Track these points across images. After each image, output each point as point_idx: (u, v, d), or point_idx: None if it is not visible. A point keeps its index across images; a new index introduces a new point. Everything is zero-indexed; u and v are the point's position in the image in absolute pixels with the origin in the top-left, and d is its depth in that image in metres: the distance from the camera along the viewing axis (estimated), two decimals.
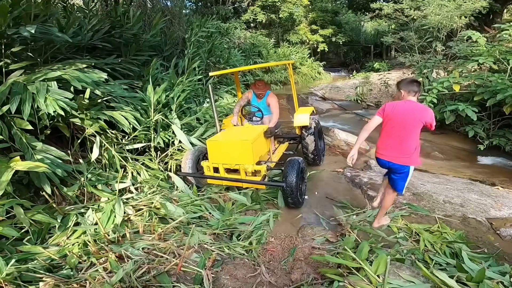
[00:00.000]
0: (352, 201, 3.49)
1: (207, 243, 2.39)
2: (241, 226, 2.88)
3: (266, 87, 4.11)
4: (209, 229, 2.62)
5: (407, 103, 2.46)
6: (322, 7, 15.76)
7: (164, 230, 2.43)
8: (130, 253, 2.05)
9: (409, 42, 9.43)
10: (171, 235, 2.40)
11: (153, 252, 2.12)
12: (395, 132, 2.48)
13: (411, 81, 2.53)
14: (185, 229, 2.52)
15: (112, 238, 2.25)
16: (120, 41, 4.81)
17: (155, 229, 2.43)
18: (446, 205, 3.35)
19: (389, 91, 10.15)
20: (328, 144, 5.77)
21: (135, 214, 2.65)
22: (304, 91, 11.13)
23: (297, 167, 3.08)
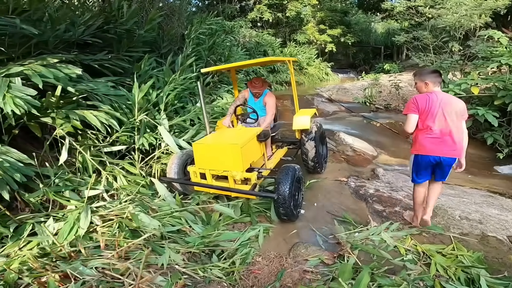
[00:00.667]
0: (355, 216, 3.10)
1: (178, 263, 2.04)
2: (225, 243, 2.53)
3: (263, 85, 3.74)
4: (185, 246, 2.27)
5: (439, 94, 2.39)
6: (331, 7, 15.29)
7: (130, 246, 2.10)
8: (79, 273, 1.72)
9: (423, 42, 8.92)
10: (136, 253, 2.06)
11: (109, 273, 1.79)
12: (441, 126, 2.39)
13: (434, 72, 2.43)
14: (155, 245, 2.18)
15: (63, 253, 1.93)
16: (112, 36, 4.55)
17: (120, 244, 2.10)
18: (463, 221, 2.95)
19: (400, 93, 9.65)
20: (332, 150, 5.36)
21: (101, 225, 2.33)
22: (310, 92, 10.73)
23: (292, 175, 2.71)
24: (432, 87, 2.42)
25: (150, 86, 4.38)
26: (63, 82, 2.66)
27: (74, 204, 2.47)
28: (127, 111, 3.49)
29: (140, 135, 3.22)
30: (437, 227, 2.81)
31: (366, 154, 5.54)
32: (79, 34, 4.24)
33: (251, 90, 3.72)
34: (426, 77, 2.41)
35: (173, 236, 2.44)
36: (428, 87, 2.42)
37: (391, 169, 4.79)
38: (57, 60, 2.73)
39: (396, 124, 7.55)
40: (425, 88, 2.43)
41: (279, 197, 2.60)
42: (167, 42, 5.92)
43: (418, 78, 2.48)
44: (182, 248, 2.21)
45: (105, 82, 3.64)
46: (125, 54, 4.63)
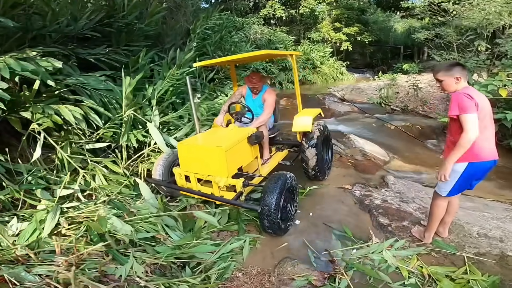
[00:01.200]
0: (355, 229, 2.75)
1: (138, 276, 1.80)
2: (204, 254, 2.28)
3: (262, 80, 3.42)
4: (153, 256, 2.03)
5: (475, 90, 2.11)
6: (347, 5, 14.67)
7: (90, 252, 1.88)
8: (20, 278, 1.52)
9: (447, 40, 8.30)
10: (95, 260, 1.85)
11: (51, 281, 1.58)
12: (490, 126, 2.12)
13: (459, 64, 2.11)
14: (117, 253, 1.96)
15: (12, 256, 1.74)
16: (111, 30, 4.42)
17: (78, 249, 1.90)
18: (481, 239, 2.58)
19: (419, 94, 9.06)
20: (340, 153, 4.97)
21: (67, 228, 2.14)
22: (323, 91, 10.28)
23: (282, 185, 2.41)
24: (464, 82, 2.08)
25: (147, 81, 4.24)
26: (43, 76, 2.50)
27: (44, 204, 2.29)
28: (117, 107, 3.32)
29: (124, 131, 3.02)
30: (449, 246, 2.44)
31: (377, 159, 5.13)
32: (79, 28, 4.15)
33: (248, 85, 3.43)
34: (455, 71, 2.05)
35: (147, 243, 2.22)
36: (459, 83, 2.06)
37: (403, 177, 4.37)
38: (35, 53, 2.57)
39: (413, 127, 7.05)
40: (456, 84, 2.07)
41: (263, 209, 2.31)
42: (172, 36, 5.76)
43: (445, 73, 2.09)
44: (149, 258, 1.98)
45: (96, 76, 3.49)
46: (124, 48, 4.49)
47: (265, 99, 3.47)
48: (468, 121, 1.90)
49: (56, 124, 2.69)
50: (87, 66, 4.09)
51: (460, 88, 2.08)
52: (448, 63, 2.13)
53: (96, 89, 3.30)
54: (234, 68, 4.08)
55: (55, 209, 2.21)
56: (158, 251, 2.10)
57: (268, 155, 3.57)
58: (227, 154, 2.47)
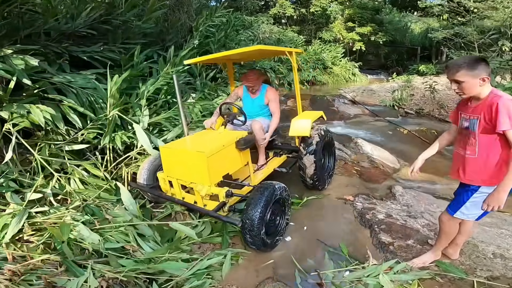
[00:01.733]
0: (352, 247, 2.46)
1: None
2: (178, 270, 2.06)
3: (259, 78, 3.17)
4: (114, 270, 1.82)
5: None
6: (361, 4, 14.14)
7: (44, 261, 1.71)
8: None
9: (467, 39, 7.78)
10: (46, 270, 1.67)
11: None
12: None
13: (484, 60, 1.66)
14: (73, 264, 1.78)
15: None
16: (107, 27, 4.31)
17: (33, 257, 1.73)
18: (496, 260, 2.26)
19: (435, 97, 8.54)
20: (345, 159, 4.64)
21: (30, 234, 1.99)
22: (333, 92, 9.91)
23: (268, 197, 2.16)
24: (488, 82, 1.66)
25: (140, 79, 4.09)
26: (19, 74, 2.37)
27: (12, 208, 2.15)
28: (104, 106, 3.17)
29: (106, 133, 2.85)
30: (457, 269, 2.13)
31: (386, 166, 4.76)
32: (76, 26, 4.06)
33: (244, 83, 3.19)
34: (481, 70, 1.60)
35: (114, 254, 2.03)
36: (485, 85, 1.63)
37: (413, 187, 4.00)
38: (11, 51, 2.43)
39: (428, 132, 6.60)
40: (481, 86, 1.63)
41: (245, 222, 2.06)
42: (173, 34, 5.62)
43: (467, 72, 1.61)
44: (109, 272, 1.78)
45: (86, 74, 3.35)
46: (120, 46, 4.37)
47: (269, 100, 3.21)
48: None
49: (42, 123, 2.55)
50: (83, 64, 4.00)
51: (486, 91, 1.66)
52: (469, 59, 1.64)
53: (83, 87, 3.16)
54: (231, 66, 3.85)
55: (22, 214, 2.06)
56: (122, 264, 1.90)
57: (264, 160, 3.32)
58: (209, 160, 2.24)
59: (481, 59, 1.64)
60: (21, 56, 2.41)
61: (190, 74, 5.46)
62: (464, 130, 1.79)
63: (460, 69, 1.63)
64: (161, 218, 2.83)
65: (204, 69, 5.52)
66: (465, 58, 1.66)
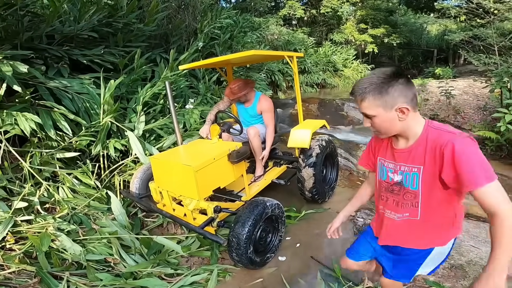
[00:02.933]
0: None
1: None
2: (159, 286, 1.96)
3: (247, 87, 2.91)
4: (90, 284, 1.74)
5: None
6: (374, 5, 13.69)
7: (19, 272, 1.65)
8: None
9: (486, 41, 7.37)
10: (20, 281, 1.61)
11: None
12: None
13: (400, 75, 1.06)
14: (47, 276, 1.70)
15: None
16: (108, 30, 4.28)
17: (9, 267, 1.67)
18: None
19: (451, 102, 8.15)
20: (350, 169, 4.44)
21: (12, 242, 1.94)
22: (343, 96, 9.63)
23: (257, 215, 2.03)
24: (415, 112, 1.09)
25: (141, 84, 4.03)
26: (9, 80, 2.33)
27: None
28: (99, 112, 3.11)
29: (98, 140, 2.79)
30: None
31: None
32: (78, 29, 4.05)
33: (231, 98, 2.93)
34: (394, 95, 1.03)
35: (94, 266, 1.95)
36: (407, 118, 1.07)
37: None
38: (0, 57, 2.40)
39: None
40: (402, 120, 1.08)
41: (232, 241, 1.94)
42: (177, 37, 5.55)
43: (374, 100, 1.05)
44: (84, 285, 1.69)
45: (81, 79, 3.32)
46: (122, 49, 4.33)
47: (261, 111, 3.02)
48: (500, 189, 0.97)
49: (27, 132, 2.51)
50: (84, 67, 3.98)
51: (417, 127, 1.10)
52: (378, 77, 1.04)
53: (78, 93, 3.12)
54: (231, 71, 3.73)
55: (7, 222, 2.02)
56: (100, 278, 1.81)
57: (261, 171, 3.18)
58: (197, 174, 2.12)
59: (393, 75, 1.04)
60: (11, 62, 2.37)
61: (194, 76, 5.38)
62: (393, 187, 1.22)
63: (365, 96, 1.06)
64: (153, 227, 2.75)
65: (208, 72, 5.42)
66: (373, 77, 1.06)
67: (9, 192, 2.44)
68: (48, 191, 2.46)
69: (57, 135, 2.77)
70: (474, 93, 8.67)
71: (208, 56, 5.89)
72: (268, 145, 2.99)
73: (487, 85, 6.09)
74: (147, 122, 3.42)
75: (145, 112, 3.44)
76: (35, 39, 3.75)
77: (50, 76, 3.25)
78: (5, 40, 3.31)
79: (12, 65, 2.33)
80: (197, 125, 3.72)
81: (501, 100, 5.90)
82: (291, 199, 3.27)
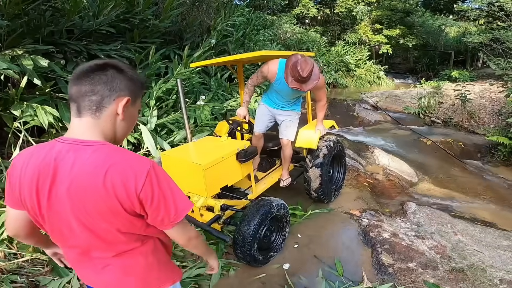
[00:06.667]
0: (349, 267, 2.33)
1: None
2: None
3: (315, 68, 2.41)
4: None
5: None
6: (390, 6, 13.37)
7: (33, 260, 1.76)
8: None
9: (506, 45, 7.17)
10: (34, 269, 1.72)
11: None
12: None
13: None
14: (59, 266, 1.81)
15: None
16: (125, 26, 4.41)
17: (23, 255, 1.79)
18: (502, 287, 2.08)
19: (466, 106, 7.97)
20: (358, 170, 4.43)
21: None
22: (354, 97, 9.54)
23: (263, 215, 2.11)
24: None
25: (153, 79, 4.14)
26: (31, 74, 2.46)
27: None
28: None
29: None
30: None
31: (402, 180, 4.51)
32: (97, 24, 4.19)
33: (298, 88, 2.38)
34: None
35: None
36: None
37: (429, 204, 3.75)
38: (22, 51, 2.53)
39: (454, 143, 6.18)
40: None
41: (237, 238, 2.03)
42: (191, 33, 5.65)
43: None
44: None
45: None
46: (137, 45, 4.45)
47: (318, 88, 2.59)
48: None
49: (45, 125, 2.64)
50: None
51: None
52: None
53: None
54: (241, 69, 3.78)
55: None
56: None
57: (287, 175, 3.17)
58: (206, 172, 2.18)
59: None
60: (32, 56, 2.50)
61: (206, 73, 5.47)
62: None
63: None
64: None
65: (220, 69, 5.50)
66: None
67: None
68: None
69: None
70: (490, 97, 8.44)
71: (220, 53, 5.97)
72: (319, 119, 2.92)
73: (503, 89, 5.94)
74: (159, 116, 3.52)
75: (157, 107, 3.54)
76: (55, 34, 3.91)
77: (69, 70, 3.39)
78: (27, 34, 3.46)
79: (33, 59, 2.46)
80: (208, 121, 3.80)
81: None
82: (297, 198, 3.31)
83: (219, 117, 4.14)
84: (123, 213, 0.83)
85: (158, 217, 0.87)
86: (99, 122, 0.85)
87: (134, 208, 0.83)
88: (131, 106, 0.91)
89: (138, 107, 0.97)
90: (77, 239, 0.86)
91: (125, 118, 0.90)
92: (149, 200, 0.83)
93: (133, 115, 0.95)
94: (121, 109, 0.87)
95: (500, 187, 4.36)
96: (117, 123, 0.89)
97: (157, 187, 0.84)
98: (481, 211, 3.60)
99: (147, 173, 0.82)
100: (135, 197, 0.81)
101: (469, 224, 3.17)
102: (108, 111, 0.85)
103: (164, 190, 0.86)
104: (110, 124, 0.87)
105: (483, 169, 5.14)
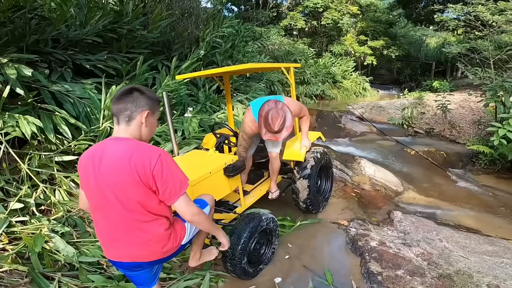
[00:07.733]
0: (339, 276, 2.33)
1: None
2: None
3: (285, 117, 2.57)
4: (82, 285, 1.78)
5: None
6: (374, 17, 13.94)
7: (11, 271, 1.69)
8: None
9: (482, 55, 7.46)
10: (12, 280, 1.65)
11: None
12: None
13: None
14: (39, 276, 1.74)
15: None
16: (112, 36, 4.38)
17: (2, 265, 1.71)
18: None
19: (447, 116, 8.26)
20: (345, 180, 4.47)
21: (5, 243, 1.98)
22: (341, 108, 9.74)
23: (253, 228, 2.11)
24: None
25: None
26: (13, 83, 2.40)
27: None
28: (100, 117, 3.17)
29: None
30: None
31: (388, 189, 4.59)
32: (84, 33, 4.14)
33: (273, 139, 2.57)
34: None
35: (86, 268, 1.98)
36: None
37: (415, 212, 3.83)
38: (6, 60, 2.47)
39: (437, 153, 6.36)
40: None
41: (227, 251, 2.00)
42: (180, 44, 5.66)
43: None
44: (76, 286, 1.73)
45: (83, 84, 3.39)
46: (124, 55, 4.42)
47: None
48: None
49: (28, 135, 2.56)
50: (88, 72, 4.05)
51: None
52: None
53: (80, 97, 3.19)
54: (228, 81, 3.78)
55: (1, 222, 2.06)
56: (92, 279, 1.85)
57: (275, 187, 3.15)
58: (193, 189, 2.15)
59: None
60: (16, 65, 2.44)
61: (194, 85, 5.47)
62: None
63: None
64: None
65: (208, 81, 5.51)
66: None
67: (5, 193, 2.48)
68: (44, 193, 2.50)
69: (57, 138, 2.82)
70: (470, 107, 8.80)
71: (209, 64, 6.00)
72: (304, 132, 2.96)
73: (482, 99, 6.18)
74: None
75: None
76: (40, 42, 3.83)
77: (53, 80, 3.33)
78: (11, 42, 3.38)
79: (17, 68, 2.40)
80: (196, 133, 3.77)
81: (496, 114, 5.98)
82: (286, 209, 3.31)
83: (207, 129, 4.12)
84: (142, 186, 1.22)
85: (167, 190, 1.25)
86: (129, 128, 1.31)
87: (149, 181, 1.23)
88: (151, 117, 1.35)
89: (156, 117, 1.42)
90: (109, 207, 1.26)
91: (147, 125, 1.35)
92: (159, 175, 1.22)
93: (153, 123, 1.40)
94: (144, 120, 1.32)
95: (482, 194, 4.49)
96: (142, 129, 1.34)
97: (166, 166, 1.24)
98: (465, 218, 3.69)
99: (158, 157, 1.24)
100: (150, 173, 1.21)
101: (454, 231, 3.24)
102: (136, 121, 1.31)
103: (170, 168, 1.27)
104: (137, 129, 1.33)
105: (466, 177, 5.31)
